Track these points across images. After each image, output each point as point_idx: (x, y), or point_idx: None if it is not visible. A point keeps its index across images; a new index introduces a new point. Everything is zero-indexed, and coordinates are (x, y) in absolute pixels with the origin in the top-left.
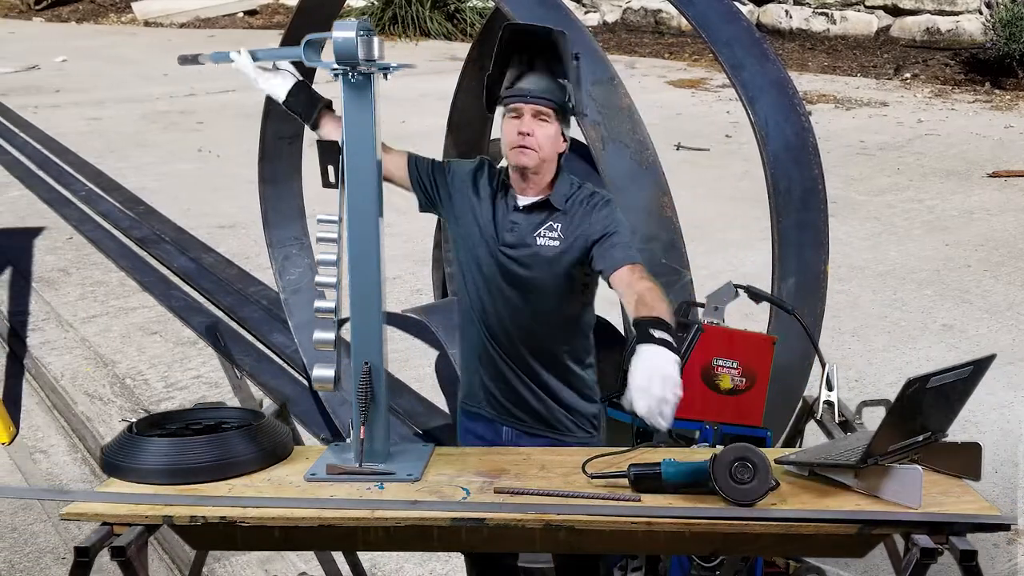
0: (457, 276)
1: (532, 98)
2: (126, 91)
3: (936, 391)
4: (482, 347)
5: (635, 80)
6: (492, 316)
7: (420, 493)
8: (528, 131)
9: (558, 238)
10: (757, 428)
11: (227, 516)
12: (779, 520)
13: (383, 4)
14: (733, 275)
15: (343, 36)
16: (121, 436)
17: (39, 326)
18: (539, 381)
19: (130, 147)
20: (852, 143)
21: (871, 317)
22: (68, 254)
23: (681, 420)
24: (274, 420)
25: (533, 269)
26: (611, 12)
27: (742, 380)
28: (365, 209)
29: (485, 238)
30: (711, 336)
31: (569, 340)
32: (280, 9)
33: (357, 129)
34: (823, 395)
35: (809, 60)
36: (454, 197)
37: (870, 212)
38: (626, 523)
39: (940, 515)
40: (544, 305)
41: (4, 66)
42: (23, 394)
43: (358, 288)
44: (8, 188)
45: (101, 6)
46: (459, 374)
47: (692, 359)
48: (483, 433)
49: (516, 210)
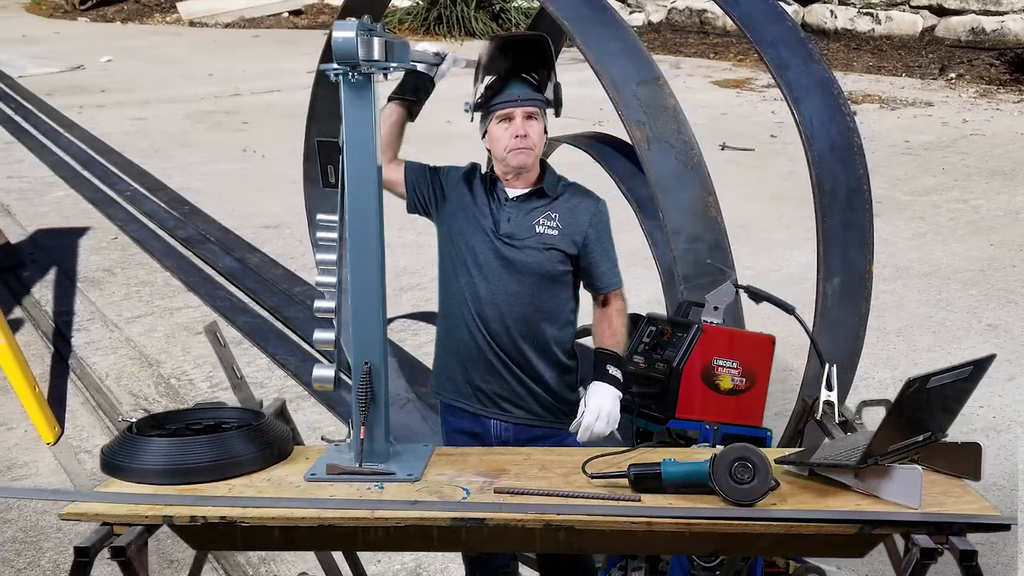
0: (445, 276)
1: (523, 101)
2: (171, 91)
3: (936, 391)
4: (472, 343)
5: (680, 80)
6: (488, 306)
7: (420, 493)
8: (524, 132)
9: (556, 227)
10: (757, 428)
11: (227, 516)
12: (779, 520)
13: (428, 4)
14: (778, 275)
15: (343, 36)
16: (121, 436)
17: (84, 326)
18: (531, 371)
19: (175, 147)
20: (897, 143)
21: (916, 317)
22: (113, 254)
23: (681, 420)
24: (274, 420)
25: (531, 254)
26: (656, 12)
27: (742, 380)
28: (365, 209)
29: (483, 230)
30: (711, 336)
31: (560, 328)
32: (325, 9)
33: (357, 129)
34: (823, 395)
35: (854, 60)
36: (449, 197)
37: (915, 212)
38: (626, 523)
39: (940, 515)
40: (541, 291)
41: (49, 66)
42: (68, 394)
43: (358, 288)
44: (53, 188)
45: (146, 6)
46: (436, 376)
47: (692, 359)
48: (470, 428)
49: (508, 201)
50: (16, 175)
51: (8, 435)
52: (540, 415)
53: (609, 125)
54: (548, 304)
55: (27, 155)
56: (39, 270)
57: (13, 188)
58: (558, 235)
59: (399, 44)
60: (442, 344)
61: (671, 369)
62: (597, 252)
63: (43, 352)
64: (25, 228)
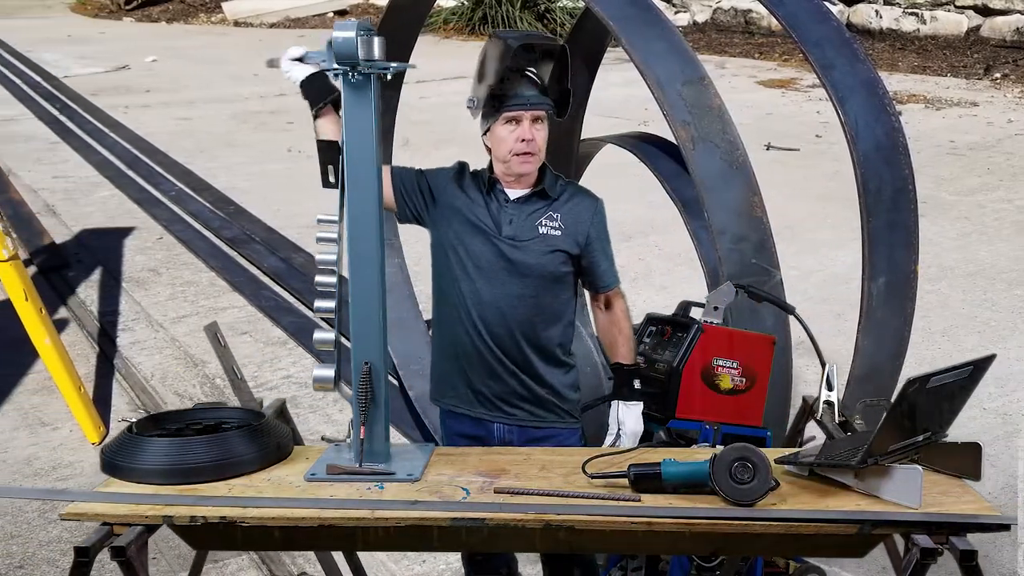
0: (440, 281)
1: (532, 105)
2: (216, 91)
3: (936, 391)
4: (472, 347)
5: (725, 80)
6: (491, 309)
7: (420, 493)
8: (531, 137)
9: (559, 227)
10: (757, 428)
11: (227, 516)
12: (779, 520)
13: (473, 4)
14: (823, 275)
15: (343, 36)
16: (121, 436)
17: (129, 326)
18: (533, 372)
19: (220, 147)
20: (942, 143)
21: (961, 317)
22: (158, 254)
23: (681, 420)
24: (274, 420)
25: (535, 256)
26: (701, 12)
27: (742, 380)
28: (365, 209)
29: (483, 233)
30: (711, 336)
31: (562, 329)
32: (370, 9)
33: (357, 129)
34: (823, 395)
35: (899, 60)
36: (438, 200)
37: (960, 212)
38: (626, 523)
39: (940, 515)
40: (544, 293)
41: (94, 66)
42: (113, 394)
43: (358, 288)
44: (98, 188)
45: (191, 6)
46: (435, 383)
47: (692, 359)
48: (473, 432)
49: (509, 203)
50: (61, 175)
51: (53, 435)
52: (542, 416)
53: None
54: (551, 305)
55: (72, 155)
56: (84, 270)
57: (58, 188)
58: (561, 235)
59: None
60: (440, 350)
61: (671, 369)
62: (598, 251)
63: (88, 352)
64: (70, 228)
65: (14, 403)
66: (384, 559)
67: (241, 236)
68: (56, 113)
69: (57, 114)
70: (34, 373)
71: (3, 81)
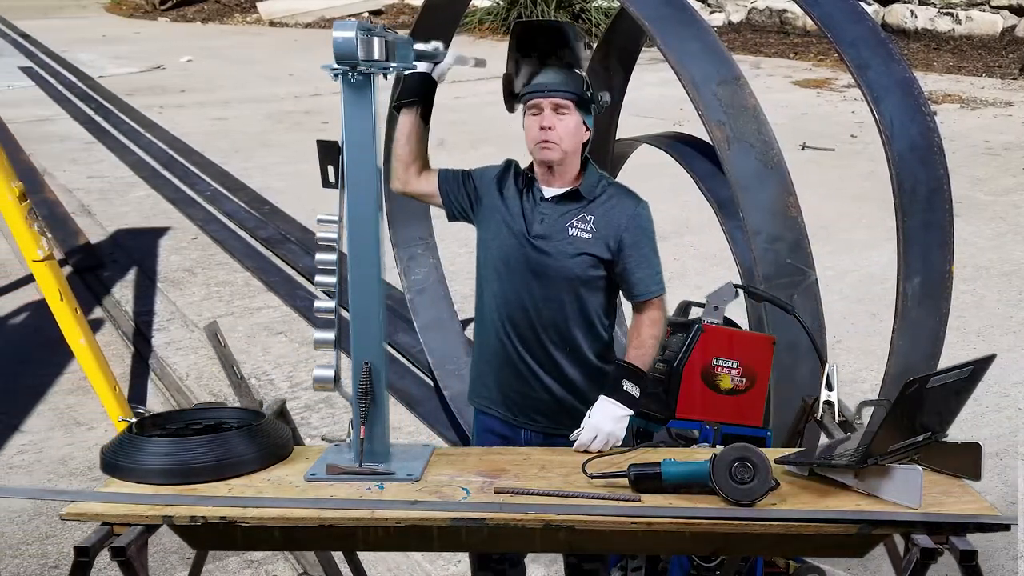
0: (479, 281)
1: (550, 92)
2: (251, 91)
3: (936, 391)
4: (501, 349)
5: (760, 80)
6: (517, 310)
7: (420, 493)
8: (549, 125)
9: (590, 230)
10: (757, 428)
11: (227, 516)
12: (779, 520)
13: (508, 4)
14: (858, 275)
15: (343, 36)
16: (121, 436)
17: (164, 326)
18: (561, 377)
19: (255, 147)
20: (977, 143)
21: (996, 317)
22: (193, 254)
23: (681, 420)
24: (274, 420)
25: (563, 258)
26: (736, 12)
27: (742, 380)
28: (365, 209)
29: (513, 232)
30: (711, 336)
31: (594, 333)
32: (405, 9)
33: (357, 129)
34: (823, 395)
35: (934, 60)
36: (483, 200)
37: (995, 212)
38: (626, 523)
39: (940, 515)
40: (572, 296)
41: (129, 66)
42: (148, 394)
43: (358, 288)
44: (134, 188)
45: (226, 6)
46: (472, 383)
47: (692, 359)
48: (502, 431)
49: (544, 201)
50: (97, 175)
51: (88, 435)
52: (568, 425)
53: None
54: (579, 309)
55: (107, 155)
56: (119, 270)
57: (94, 188)
58: (591, 238)
59: (401, 43)
60: (478, 351)
61: (671, 369)
62: (633, 257)
63: (123, 352)
64: (106, 228)
65: (50, 403)
66: (419, 559)
67: (276, 236)
68: (91, 113)
69: (92, 114)
70: (69, 373)
71: (39, 81)
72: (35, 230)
